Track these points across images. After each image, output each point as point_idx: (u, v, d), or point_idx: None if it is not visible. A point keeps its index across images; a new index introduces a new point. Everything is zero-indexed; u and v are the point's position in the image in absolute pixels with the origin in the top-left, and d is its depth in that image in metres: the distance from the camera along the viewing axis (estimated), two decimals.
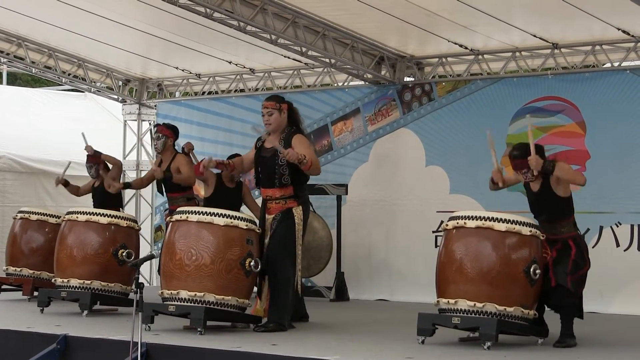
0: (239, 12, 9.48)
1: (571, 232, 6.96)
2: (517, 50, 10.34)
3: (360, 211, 11.13)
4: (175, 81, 12.96)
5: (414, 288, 10.43)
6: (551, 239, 6.87)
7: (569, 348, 6.71)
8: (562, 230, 6.93)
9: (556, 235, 6.91)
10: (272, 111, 7.67)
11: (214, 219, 7.21)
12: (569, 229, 6.96)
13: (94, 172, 10.32)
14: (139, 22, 10.64)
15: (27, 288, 9.87)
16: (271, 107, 7.68)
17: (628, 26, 9.41)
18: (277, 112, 7.67)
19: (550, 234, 6.89)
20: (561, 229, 6.93)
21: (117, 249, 8.54)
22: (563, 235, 6.92)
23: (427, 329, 6.71)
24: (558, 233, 6.92)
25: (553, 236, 6.89)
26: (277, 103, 7.70)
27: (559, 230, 6.93)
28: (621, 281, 9.51)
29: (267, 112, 7.68)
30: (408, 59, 11.05)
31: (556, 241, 6.89)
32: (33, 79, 20.87)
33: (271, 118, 7.66)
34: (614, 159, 9.70)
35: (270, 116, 7.67)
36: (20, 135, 13.50)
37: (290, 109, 7.78)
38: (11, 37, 11.64)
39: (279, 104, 7.70)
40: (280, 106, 7.69)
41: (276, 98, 7.79)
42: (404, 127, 11.00)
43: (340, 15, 10.00)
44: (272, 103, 7.70)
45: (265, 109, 7.70)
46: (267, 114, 7.68)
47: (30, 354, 6.76)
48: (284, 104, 7.73)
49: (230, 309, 7.23)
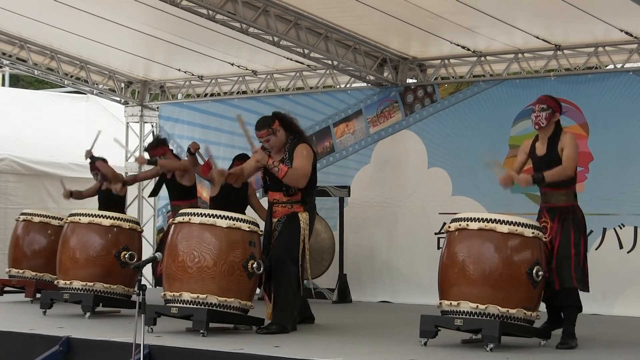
0: (241, 14, 9.48)
1: (570, 201, 6.94)
2: (519, 51, 10.34)
3: (362, 213, 11.13)
4: (177, 83, 12.97)
5: (416, 290, 10.43)
6: (550, 207, 6.87)
7: (572, 349, 6.70)
8: (562, 199, 6.92)
9: (556, 203, 6.90)
10: (268, 137, 7.56)
11: (216, 221, 7.21)
12: (568, 198, 6.94)
13: (101, 177, 10.44)
14: (142, 24, 10.65)
15: (29, 290, 9.87)
16: (265, 135, 7.55)
17: (631, 28, 9.41)
18: (273, 136, 7.56)
19: (549, 202, 6.89)
20: (561, 197, 6.92)
21: (120, 251, 8.54)
22: (562, 204, 6.90)
23: (430, 331, 6.70)
24: (558, 201, 6.91)
25: (552, 204, 6.89)
26: (269, 127, 7.54)
27: (558, 199, 6.92)
28: (624, 283, 9.51)
29: (264, 140, 7.57)
30: (410, 60, 11.05)
31: (555, 209, 6.88)
32: (36, 80, 20.88)
33: (270, 143, 7.58)
34: (617, 161, 9.69)
35: (268, 142, 7.58)
36: (23, 137, 13.51)
37: (282, 121, 7.65)
38: (14, 39, 11.65)
39: (270, 128, 7.54)
40: (273, 128, 7.55)
41: (265, 123, 7.59)
42: (406, 128, 11.00)
43: (343, 17, 10.00)
44: (264, 131, 7.54)
45: (260, 139, 7.59)
46: (264, 141, 7.58)
47: (33, 356, 6.75)
48: (274, 123, 7.57)
49: (232, 310, 7.22)
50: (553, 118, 6.99)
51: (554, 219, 6.88)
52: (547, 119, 6.96)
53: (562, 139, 6.96)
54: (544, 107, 6.97)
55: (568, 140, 6.95)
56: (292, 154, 7.56)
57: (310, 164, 7.59)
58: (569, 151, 6.89)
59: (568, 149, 6.90)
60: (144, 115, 13.10)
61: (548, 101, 7.02)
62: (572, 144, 6.93)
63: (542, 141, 7.03)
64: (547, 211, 6.91)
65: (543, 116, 6.96)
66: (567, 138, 6.97)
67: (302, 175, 7.51)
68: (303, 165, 7.52)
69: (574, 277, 6.78)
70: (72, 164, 13.35)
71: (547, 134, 7.00)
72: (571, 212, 6.92)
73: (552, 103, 7.01)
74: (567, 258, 6.82)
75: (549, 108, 6.97)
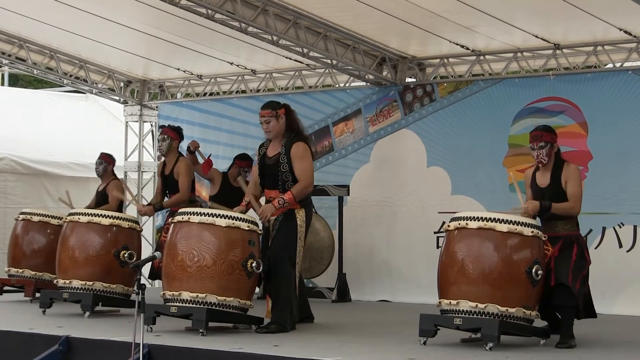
0: (240, 13, 9.48)
1: (573, 230, 6.96)
2: (518, 50, 10.34)
3: (361, 212, 11.12)
4: (176, 82, 12.96)
5: (416, 289, 10.43)
6: (552, 237, 6.87)
7: (571, 349, 6.71)
8: (564, 228, 6.93)
9: (558, 233, 6.91)
10: (270, 119, 7.59)
11: (215, 220, 7.20)
12: (571, 228, 6.96)
13: (102, 169, 10.38)
14: (141, 24, 10.64)
15: (29, 289, 9.87)
16: (268, 115, 7.59)
17: (630, 27, 9.41)
18: (275, 119, 7.59)
19: (552, 232, 6.89)
20: (564, 226, 6.94)
21: (119, 250, 8.54)
22: (564, 234, 6.92)
23: (429, 330, 6.71)
24: (560, 231, 6.92)
25: (555, 234, 6.89)
26: (274, 110, 7.60)
27: (561, 228, 6.93)
28: (623, 282, 9.50)
29: (265, 120, 7.60)
30: (410, 59, 11.05)
31: (557, 239, 6.89)
32: (35, 80, 20.87)
33: (269, 126, 7.60)
34: (616, 160, 9.69)
35: (268, 124, 7.59)
36: (22, 136, 13.52)
37: (288, 113, 7.69)
38: (13, 38, 11.64)
39: (275, 111, 7.59)
40: (277, 112, 7.60)
41: (272, 105, 7.67)
42: (405, 128, 11.00)
43: (342, 16, 10.00)
44: (268, 111, 7.60)
45: (262, 118, 7.62)
46: (264, 122, 7.61)
47: (32, 355, 6.75)
48: (281, 109, 7.63)
49: (232, 310, 7.22)
50: (553, 150, 6.99)
51: (555, 246, 6.87)
52: (548, 155, 6.96)
53: (566, 170, 6.95)
54: (542, 144, 6.94)
55: (572, 173, 6.93)
56: (288, 150, 7.56)
57: (310, 160, 7.62)
58: (575, 189, 6.89)
59: (573, 185, 6.89)
60: (143, 115, 13.09)
61: (544, 137, 6.96)
62: (577, 178, 6.93)
63: (544, 172, 7.01)
64: (549, 240, 6.89)
65: (544, 153, 6.95)
66: (571, 171, 6.94)
67: (307, 184, 7.54)
68: (304, 169, 7.53)
69: (570, 275, 6.78)
70: (71, 163, 13.36)
71: (549, 165, 6.99)
72: (574, 241, 6.93)
73: (548, 137, 6.97)
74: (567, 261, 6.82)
75: (547, 144, 6.94)
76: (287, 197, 7.45)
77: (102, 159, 10.46)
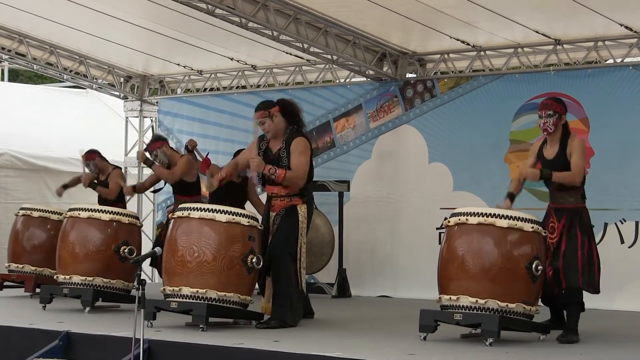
0: (241, 8, 9.46)
1: (578, 203, 6.95)
2: (519, 46, 10.33)
3: (363, 208, 11.12)
4: (177, 78, 12.95)
5: (417, 285, 10.42)
6: (558, 208, 6.87)
7: (571, 344, 6.70)
8: (570, 200, 6.93)
9: (564, 204, 6.91)
10: (264, 120, 7.62)
11: (215, 216, 7.20)
12: (576, 200, 6.95)
13: (93, 166, 10.34)
14: (141, 19, 10.64)
15: (29, 285, 9.87)
16: (261, 116, 7.62)
17: (631, 22, 9.40)
18: (269, 119, 7.61)
19: (558, 203, 6.90)
20: (569, 199, 6.93)
21: (119, 245, 8.54)
22: (569, 205, 6.91)
23: (429, 326, 6.70)
24: (566, 202, 6.92)
25: (560, 205, 6.90)
26: (266, 110, 7.62)
27: (566, 200, 6.93)
28: (625, 278, 9.49)
29: (260, 122, 7.65)
30: (410, 55, 11.04)
31: (562, 211, 6.88)
32: (35, 75, 20.86)
33: (265, 127, 7.63)
34: (618, 156, 9.68)
35: (263, 125, 7.64)
36: (22, 132, 13.51)
37: (284, 109, 7.69)
38: (13, 33, 11.64)
39: (268, 111, 7.61)
40: (270, 112, 7.61)
41: (264, 105, 7.69)
42: (407, 123, 10.99)
43: (342, 11, 9.99)
44: (260, 112, 7.63)
45: (256, 120, 7.67)
46: (260, 123, 7.66)
47: (33, 350, 6.76)
48: (274, 108, 7.64)
49: (232, 305, 7.22)
50: (560, 122, 6.97)
51: (561, 220, 6.88)
52: (554, 124, 6.94)
53: (571, 143, 6.94)
54: (550, 112, 6.93)
55: (576, 145, 6.93)
56: (289, 145, 7.57)
57: (307, 159, 7.60)
58: (577, 159, 6.88)
59: (576, 155, 6.88)
60: (143, 110, 13.08)
61: (554, 105, 6.97)
62: (580, 150, 6.92)
63: (551, 144, 7.01)
64: (554, 212, 6.90)
65: (550, 122, 6.94)
66: (575, 143, 6.94)
67: (299, 177, 7.54)
68: (300, 163, 7.53)
69: (580, 277, 6.79)
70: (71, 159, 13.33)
71: (556, 138, 6.98)
72: (578, 214, 6.93)
73: (557, 107, 6.96)
74: (574, 259, 6.82)
75: (555, 113, 6.93)
76: (278, 171, 7.46)
77: (86, 160, 10.35)
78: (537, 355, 6.26)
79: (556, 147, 6.97)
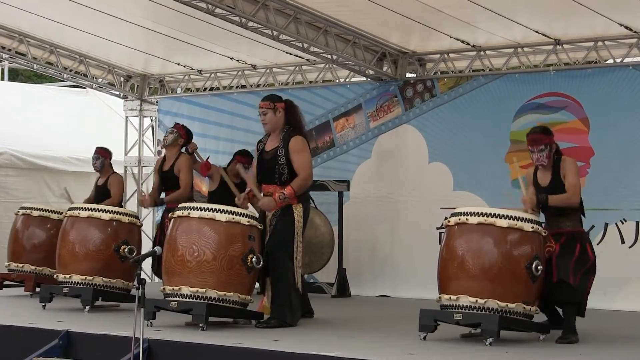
0: (241, 8, 9.46)
1: (576, 227, 6.96)
2: (519, 46, 10.33)
3: (363, 208, 11.11)
4: (176, 77, 12.95)
5: (417, 284, 10.42)
6: (555, 233, 6.87)
7: (571, 344, 6.70)
8: (568, 224, 6.93)
9: (561, 229, 6.90)
10: (267, 111, 7.62)
11: (215, 215, 7.20)
12: (574, 224, 6.95)
13: (99, 164, 10.26)
14: (141, 18, 10.63)
15: (29, 284, 9.87)
16: (265, 107, 7.63)
17: (630, 22, 9.39)
18: (272, 112, 7.62)
19: (555, 228, 6.89)
20: (567, 222, 6.93)
21: (119, 245, 8.54)
22: (567, 230, 6.91)
23: (429, 325, 6.70)
24: (563, 227, 6.92)
25: (558, 230, 6.89)
26: (272, 102, 7.64)
27: (564, 224, 6.93)
28: (625, 278, 9.49)
29: (262, 111, 7.65)
30: (410, 55, 11.04)
31: (560, 235, 6.88)
32: (35, 75, 20.86)
33: (266, 118, 7.63)
34: (618, 156, 9.69)
35: (264, 115, 7.63)
36: (22, 131, 13.51)
37: (289, 108, 7.70)
38: (13, 33, 11.63)
39: (273, 104, 7.63)
40: (275, 105, 7.63)
41: (271, 97, 7.71)
42: (406, 123, 10.99)
43: (342, 11, 9.99)
44: (266, 103, 7.64)
45: (260, 109, 7.67)
46: (262, 113, 7.65)
47: (33, 349, 6.75)
48: (280, 103, 7.66)
49: (232, 305, 7.22)
50: (552, 152, 6.98)
51: (559, 241, 6.86)
52: (548, 157, 6.95)
53: (563, 165, 6.95)
54: (542, 147, 6.94)
55: (568, 166, 6.93)
56: (286, 144, 7.56)
57: (308, 156, 7.62)
58: (572, 179, 6.88)
59: (570, 176, 6.89)
60: (143, 110, 13.08)
61: (544, 139, 6.96)
62: (573, 170, 6.93)
63: (544, 170, 7.01)
64: (552, 237, 6.89)
65: (544, 156, 6.95)
66: (567, 164, 6.95)
67: (305, 178, 7.54)
68: (303, 164, 7.53)
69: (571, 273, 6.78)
70: (71, 158, 13.35)
71: (549, 164, 6.99)
72: (578, 238, 6.92)
73: (546, 139, 6.97)
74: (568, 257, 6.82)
75: (546, 147, 6.94)
76: (287, 192, 7.46)
77: (98, 153, 10.34)
78: (537, 355, 6.27)
79: (549, 173, 6.97)
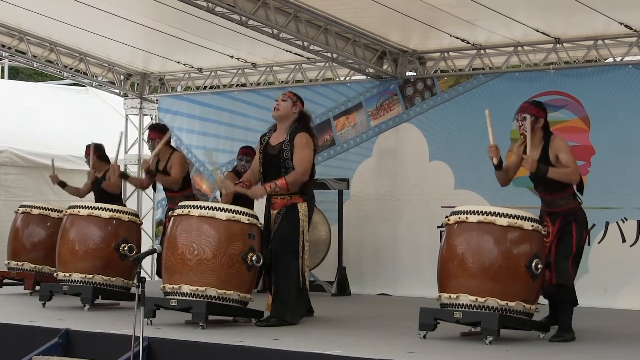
0: (241, 6, 9.46)
1: (570, 204, 6.94)
2: (519, 44, 10.33)
3: (364, 206, 11.11)
4: (177, 75, 12.95)
5: (417, 283, 10.42)
6: (551, 212, 6.88)
7: (568, 342, 6.70)
8: (561, 203, 6.93)
9: (556, 208, 6.91)
10: (286, 99, 7.72)
11: (215, 214, 7.20)
12: (567, 201, 6.95)
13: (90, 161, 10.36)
14: (141, 16, 10.63)
15: (28, 282, 9.87)
16: (288, 96, 7.74)
17: (630, 21, 9.39)
18: (290, 102, 7.69)
19: (551, 207, 6.90)
20: (560, 202, 6.93)
21: (119, 243, 8.54)
22: (562, 209, 6.91)
23: (429, 324, 6.70)
24: (557, 206, 6.92)
25: (553, 209, 6.90)
26: (295, 96, 7.77)
27: (557, 204, 6.93)
28: (626, 276, 9.48)
29: (282, 98, 7.74)
30: (410, 53, 11.04)
31: (556, 214, 6.89)
32: (35, 73, 20.85)
33: (281, 104, 7.69)
34: (619, 154, 9.68)
35: (282, 102, 7.70)
36: (22, 129, 13.51)
37: (304, 112, 7.76)
38: (13, 31, 11.63)
39: (295, 98, 7.75)
40: (296, 101, 7.73)
41: (294, 94, 7.83)
42: (407, 122, 10.99)
43: (343, 9, 9.98)
44: (290, 94, 7.78)
45: (281, 95, 7.77)
46: (280, 99, 7.73)
47: (32, 348, 6.75)
48: (300, 103, 7.76)
49: (232, 303, 7.22)
50: (537, 124, 6.97)
51: (555, 223, 6.88)
52: (532, 129, 6.94)
53: (553, 144, 6.94)
54: (525, 116, 6.95)
55: (561, 145, 6.93)
56: (292, 138, 7.57)
57: (310, 153, 7.60)
58: (567, 157, 6.87)
59: (564, 154, 6.88)
60: (143, 108, 13.08)
61: (529, 109, 6.99)
62: (567, 148, 6.93)
63: (532, 148, 6.98)
64: (548, 215, 6.90)
65: (526, 124, 6.95)
66: (558, 143, 6.94)
67: (301, 173, 7.53)
68: (302, 158, 7.52)
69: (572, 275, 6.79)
70: (71, 156, 13.33)
71: (537, 140, 6.98)
72: (572, 214, 6.92)
73: (532, 110, 6.98)
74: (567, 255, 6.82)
75: (531, 116, 6.94)
76: (279, 183, 7.46)
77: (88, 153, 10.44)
78: (537, 354, 6.26)
79: (538, 151, 6.96)
